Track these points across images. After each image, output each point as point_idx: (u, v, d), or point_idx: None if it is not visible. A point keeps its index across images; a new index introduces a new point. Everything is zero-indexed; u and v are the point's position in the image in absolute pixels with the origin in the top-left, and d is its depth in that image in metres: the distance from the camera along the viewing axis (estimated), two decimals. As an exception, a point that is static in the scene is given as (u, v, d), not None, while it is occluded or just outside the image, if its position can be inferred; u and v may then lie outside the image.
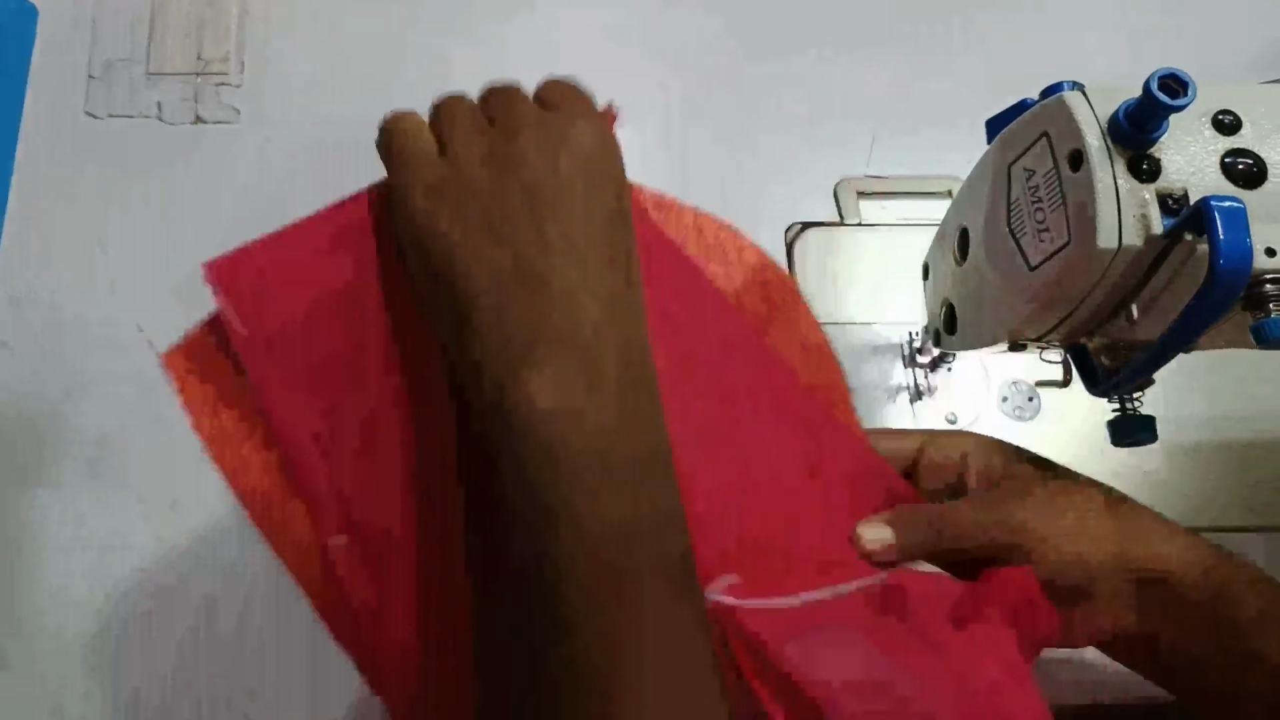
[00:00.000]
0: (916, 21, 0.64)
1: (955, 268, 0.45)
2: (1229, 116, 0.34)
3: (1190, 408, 0.49)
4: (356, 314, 0.36)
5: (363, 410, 0.36)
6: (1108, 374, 0.40)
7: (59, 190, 0.58)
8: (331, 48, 0.62)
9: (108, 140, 0.59)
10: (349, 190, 0.60)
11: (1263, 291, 0.32)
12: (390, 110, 0.37)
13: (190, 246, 0.57)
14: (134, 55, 0.61)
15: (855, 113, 0.62)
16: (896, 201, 0.59)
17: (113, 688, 0.48)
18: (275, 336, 0.36)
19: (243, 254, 0.38)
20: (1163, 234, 0.33)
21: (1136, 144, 0.33)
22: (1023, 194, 0.38)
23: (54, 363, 0.54)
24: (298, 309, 0.37)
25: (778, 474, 0.39)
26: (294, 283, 0.38)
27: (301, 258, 0.38)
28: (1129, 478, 0.53)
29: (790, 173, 0.60)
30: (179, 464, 0.52)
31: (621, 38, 0.63)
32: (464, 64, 0.62)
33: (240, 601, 0.50)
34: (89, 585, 0.50)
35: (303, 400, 0.36)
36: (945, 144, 0.60)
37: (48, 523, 0.51)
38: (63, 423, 0.53)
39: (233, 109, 0.61)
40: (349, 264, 0.37)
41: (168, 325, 0.55)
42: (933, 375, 0.54)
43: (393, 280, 0.36)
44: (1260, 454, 0.54)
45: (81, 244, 0.57)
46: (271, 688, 0.49)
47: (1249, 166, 0.33)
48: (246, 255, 0.38)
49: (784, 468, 0.40)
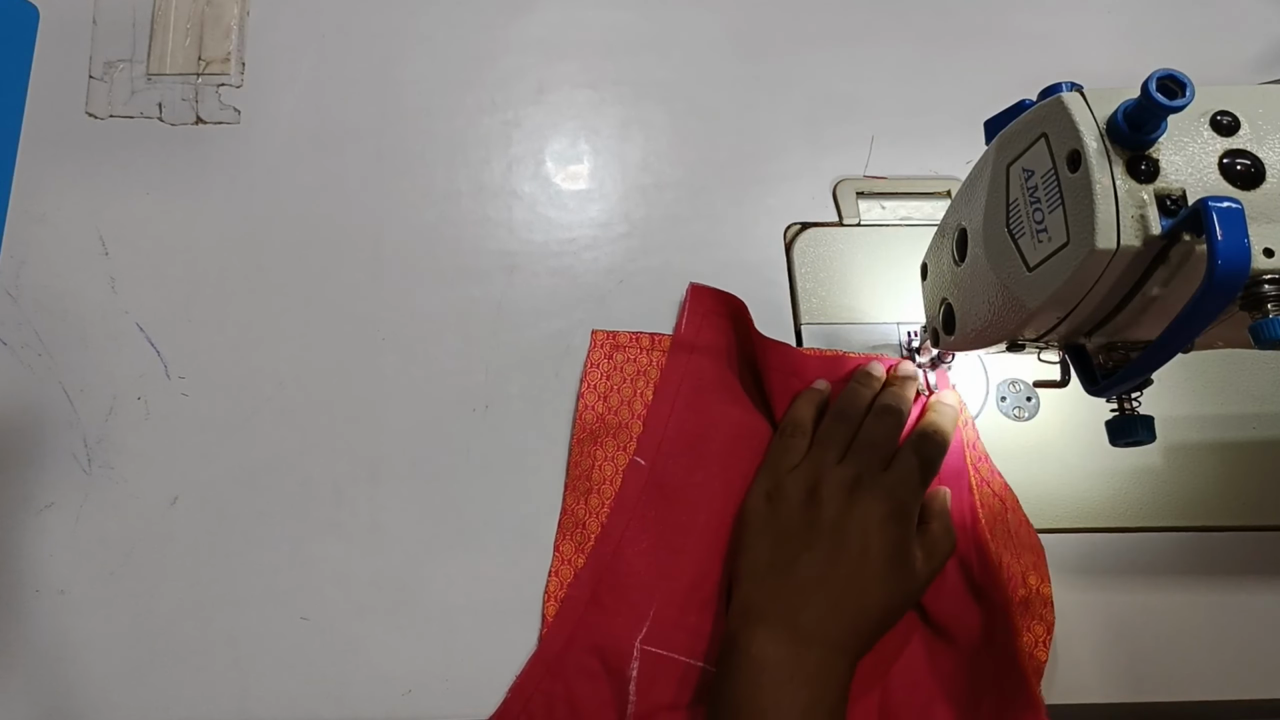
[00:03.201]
0: (916, 21, 0.65)
1: (954, 268, 0.45)
2: (1227, 117, 0.34)
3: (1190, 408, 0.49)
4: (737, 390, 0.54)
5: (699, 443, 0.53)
6: (1106, 374, 0.40)
7: (59, 190, 0.58)
8: (331, 48, 0.62)
9: (108, 140, 0.60)
10: (348, 190, 0.60)
11: (1261, 292, 0.32)
12: (796, 414, 0.52)
13: (190, 246, 0.57)
14: (134, 55, 0.62)
15: (855, 113, 0.62)
16: (895, 202, 0.60)
17: (113, 688, 0.48)
18: (698, 349, 0.55)
19: (717, 295, 0.56)
20: (1161, 234, 0.33)
21: (1135, 145, 0.34)
22: (1021, 194, 0.38)
23: (54, 363, 0.54)
24: (724, 344, 0.55)
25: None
26: (728, 332, 0.55)
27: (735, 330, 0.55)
28: (1129, 477, 0.53)
29: (790, 173, 0.60)
30: (179, 463, 0.53)
31: (622, 38, 0.63)
32: (464, 64, 0.62)
33: (241, 601, 0.50)
34: (89, 585, 0.50)
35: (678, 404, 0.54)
36: (944, 144, 0.60)
37: (48, 522, 0.51)
38: (63, 422, 0.53)
39: (233, 109, 0.61)
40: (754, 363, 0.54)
41: (168, 325, 0.56)
42: (932, 375, 0.54)
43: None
44: (1260, 454, 0.54)
45: (81, 244, 0.57)
46: (272, 687, 0.49)
47: (1247, 167, 0.33)
48: (719, 296, 0.56)
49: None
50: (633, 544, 0.50)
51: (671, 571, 0.50)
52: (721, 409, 0.53)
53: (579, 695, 0.47)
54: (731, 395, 0.54)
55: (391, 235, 0.58)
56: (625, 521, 0.51)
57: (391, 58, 0.62)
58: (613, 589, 0.49)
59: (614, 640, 0.48)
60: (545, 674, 0.48)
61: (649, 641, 0.48)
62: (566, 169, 0.60)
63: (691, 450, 0.52)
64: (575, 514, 0.52)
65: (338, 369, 0.55)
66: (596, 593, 0.49)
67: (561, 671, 0.48)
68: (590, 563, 0.50)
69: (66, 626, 0.49)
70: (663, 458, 0.52)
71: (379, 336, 0.55)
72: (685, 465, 0.52)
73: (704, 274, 0.57)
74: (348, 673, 0.49)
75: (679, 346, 0.54)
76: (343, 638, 0.50)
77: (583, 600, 0.49)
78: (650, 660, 0.48)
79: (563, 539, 0.51)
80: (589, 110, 0.62)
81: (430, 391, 0.54)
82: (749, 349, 0.54)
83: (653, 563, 0.50)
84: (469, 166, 0.60)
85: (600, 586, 0.49)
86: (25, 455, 0.53)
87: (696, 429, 0.53)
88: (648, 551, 0.50)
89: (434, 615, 0.50)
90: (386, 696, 0.48)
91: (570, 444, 0.53)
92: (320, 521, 0.52)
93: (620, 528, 0.51)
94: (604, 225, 0.59)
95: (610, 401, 0.54)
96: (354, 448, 0.53)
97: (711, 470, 0.52)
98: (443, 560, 0.51)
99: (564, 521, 0.52)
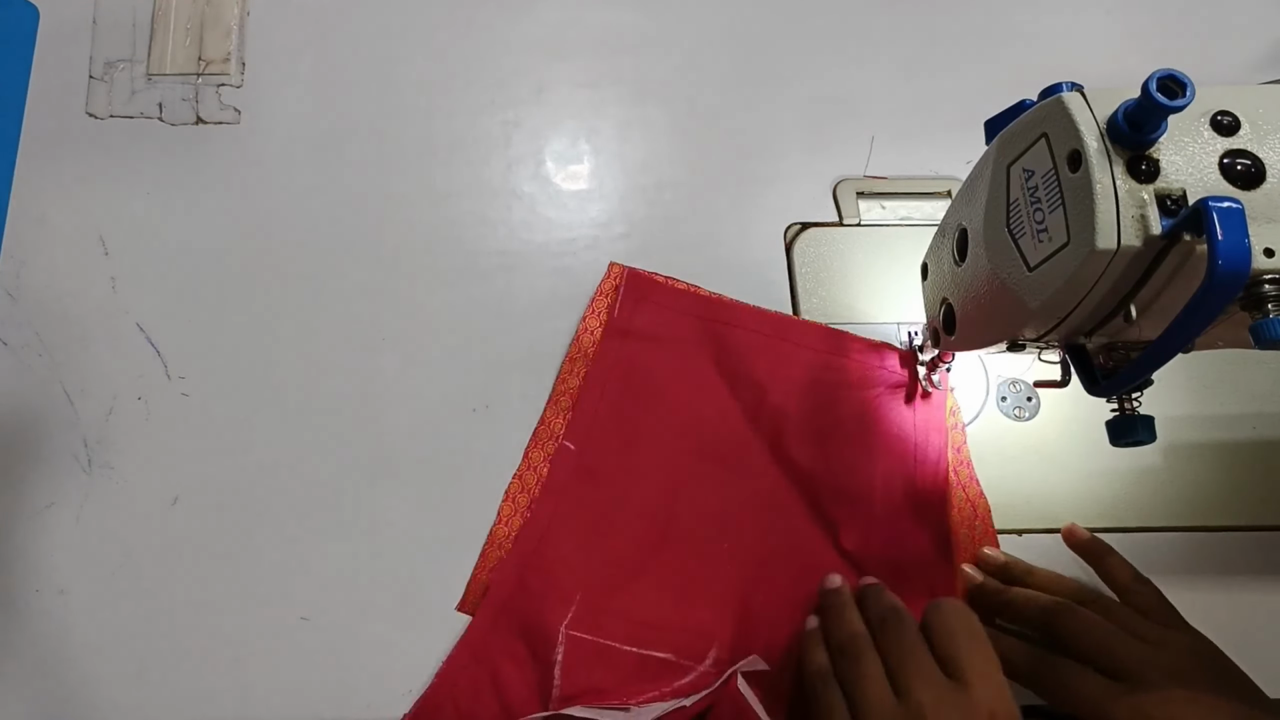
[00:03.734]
0: (916, 21, 0.65)
1: (954, 268, 0.45)
2: (1227, 117, 0.34)
3: (1190, 408, 0.49)
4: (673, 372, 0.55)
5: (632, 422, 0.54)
6: (1106, 374, 0.40)
7: (59, 190, 0.58)
8: (331, 48, 0.62)
9: (108, 140, 0.59)
10: (347, 190, 0.60)
11: (1261, 292, 0.32)
12: (813, 664, 0.46)
13: (190, 246, 0.57)
14: (134, 55, 0.62)
15: (855, 113, 0.62)
16: (896, 202, 0.60)
17: (113, 688, 0.48)
18: (630, 334, 0.55)
19: (647, 278, 0.56)
20: (1161, 234, 0.33)
21: (1135, 144, 0.34)
22: (1022, 194, 0.38)
23: (54, 363, 0.54)
24: (652, 331, 0.55)
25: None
26: (660, 321, 0.56)
27: (675, 312, 0.56)
28: (1129, 477, 0.53)
29: (790, 173, 0.60)
30: (179, 463, 0.53)
31: (621, 38, 0.63)
32: (464, 64, 0.62)
33: (241, 601, 0.50)
34: (89, 585, 0.50)
35: (608, 391, 0.54)
36: (945, 144, 0.60)
37: (48, 522, 0.51)
38: (63, 422, 0.53)
39: (233, 109, 0.61)
40: (698, 342, 0.55)
41: (168, 325, 0.56)
42: (932, 375, 0.54)
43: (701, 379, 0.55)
44: (1260, 454, 0.54)
45: (81, 244, 0.57)
46: (272, 687, 0.49)
47: (1247, 167, 0.33)
48: (650, 281, 0.56)
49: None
50: (560, 528, 0.51)
51: (599, 556, 0.50)
52: (653, 394, 0.54)
53: (505, 679, 0.48)
54: (664, 381, 0.54)
55: (391, 235, 0.58)
56: (554, 506, 0.51)
57: (391, 58, 0.62)
58: (539, 572, 0.50)
59: (539, 624, 0.49)
60: (471, 659, 0.48)
61: (574, 626, 0.49)
62: (566, 169, 0.60)
63: (621, 435, 0.53)
64: (551, 427, 0.53)
65: (338, 369, 0.55)
66: (523, 577, 0.50)
67: (487, 656, 0.48)
68: (517, 546, 0.50)
69: (66, 626, 0.49)
70: (593, 442, 0.53)
71: (379, 336, 0.55)
72: (615, 450, 0.53)
73: (704, 274, 0.57)
74: (348, 673, 0.49)
75: (612, 331, 0.55)
76: (343, 638, 0.50)
77: (509, 585, 0.50)
78: (575, 644, 0.48)
79: (533, 447, 0.53)
80: (589, 110, 0.62)
81: (430, 391, 0.54)
82: (693, 326, 0.55)
83: (580, 547, 0.51)
84: (469, 166, 0.60)
85: (527, 570, 0.50)
86: (25, 455, 0.53)
87: (627, 414, 0.54)
88: (575, 535, 0.51)
89: (434, 615, 0.50)
90: (386, 696, 0.48)
91: (562, 361, 0.55)
92: (320, 521, 0.52)
93: (548, 512, 0.51)
94: (604, 225, 0.59)
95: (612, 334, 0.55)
96: (354, 448, 0.53)
97: (642, 455, 0.53)
98: (443, 560, 0.51)
99: (539, 431, 0.53)
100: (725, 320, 0.55)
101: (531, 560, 0.50)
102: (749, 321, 0.55)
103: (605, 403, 0.54)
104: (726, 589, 0.50)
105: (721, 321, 0.55)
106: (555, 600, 0.49)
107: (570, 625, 0.48)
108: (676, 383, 0.54)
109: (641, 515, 0.51)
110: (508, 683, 0.48)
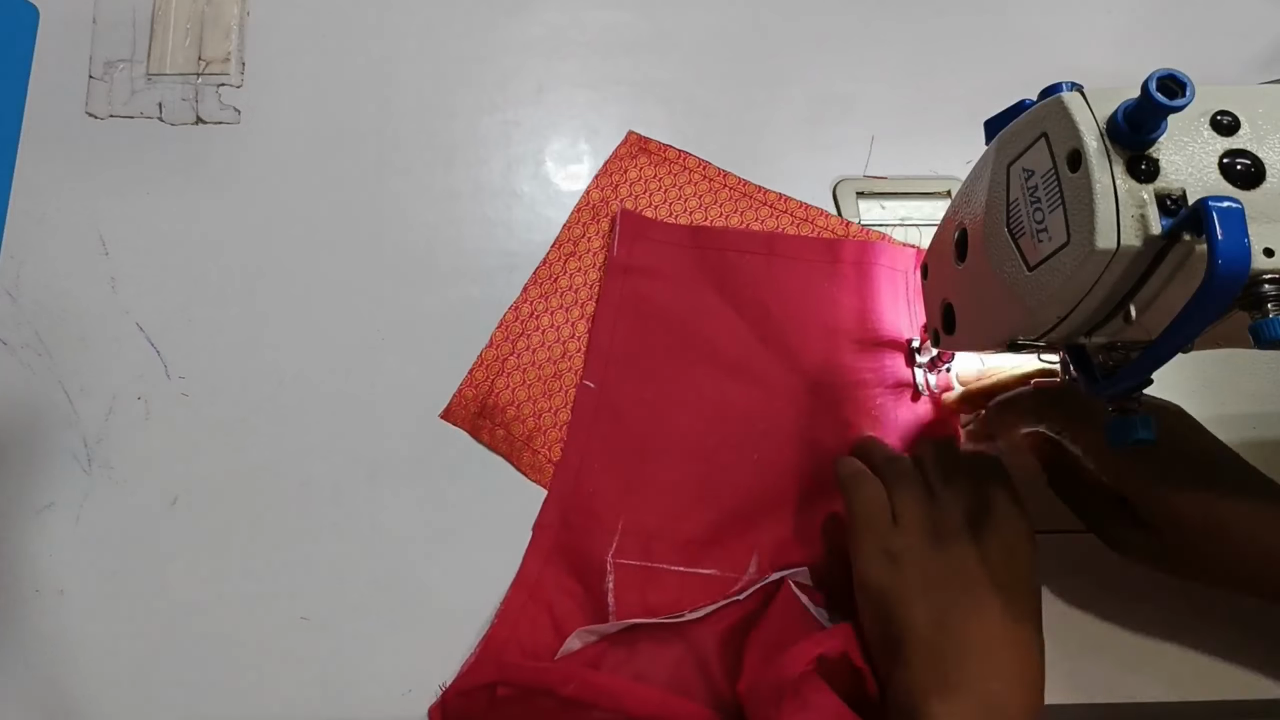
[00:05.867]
0: (916, 21, 0.65)
1: (954, 268, 0.45)
2: (1227, 117, 0.34)
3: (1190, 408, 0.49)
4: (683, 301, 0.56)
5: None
6: (1106, 374, 0.40)
7: (59, 190, 0.58)
8: (331, 48, 0.62)
9: (108, 140, 0.59)
10: (347, 190, 0.60)
11: (1261, 292, 0.32)
12: (849, 468, 0.48)
13: (190, 246, 0.57)
14: (134, 55, 0.62)
15: (855, 113, 0.62)
16: (895, 202, 0.60)
17: (113, 688, 0.48)
18: (632, 270, 0.57)
19: (641, 216, 0.58)
20: (1161, 234, 0.33)
21: (1135, 144, 0.34)
22: (1021, 194, 0.38)
23: (54, 363, 0.54)
24: (655, 266, 0.57)
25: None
26: (659, 256, 0.57)
27: (674, 250, 0.57)
28: (1128, 478, 0.53)
29: (790, 173, 0.60)
30: (179, 463, 0.53)
31: (621, 38, 0.63)
32: (464, 64, 0.62)
33: (241, 601, 0.50)
34: (89, 585, 0.50)
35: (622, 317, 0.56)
36: (944, 144, 0.60)
37: (47, 523, 0.51)
38: (63, 422, 0.53)
39: (233, 109, 0.61)
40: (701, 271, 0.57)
41: (168, 325, 0.56)
42: (932, 374, 0.55)
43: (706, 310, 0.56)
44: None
45: (81, 244, 0.57)
46: (272, 687, 0.49)
47: (1247, 167, 0.33)
48: (643, 219, 0.58)
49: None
50: (593, 463, 0.53)
51: (633, 485, 0.52)
52: (662, 324, 0.55)
53: (561, 613, 0.50)
54: (670, 310, 0.56)
55: (391, 235, 0.58)
56: (584, 443, 0.53)
57: (392, 58, 0.62)
58: (578, 509, 0.52)
59: (587, 557, 0.51)
60: (528, 599, 0.50)
61: (620, 555, 0.50)
62: (566, 169, 0.60)
63: (637, 368, 0.55)
64: (552, 267, 0.57)
65: (338, 369, 0.55)
66: (565, 515, 0.51)
67: (542, 594, 0.50)
68: (555, 488, 0.52)
69: (66, 626, 0.49)
70: (610, 379, 0.54)
71: (379, 336, 0.56)
72: (634, 384, 0.54)
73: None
74: (348, 673, 0.49)
75: (614, 269, 0.56)
76: (343, 638, 0.50)
77: (554, 526, 0.51)
78: (624, 572, 0.50)
79: (532, 284, 0.56)
80: (589, 110, 0.62)
81: (430, 391, 0.54)
82: (690, 255, 0.57)
83: (615, 479, 0.52)
84: (469, 166, 0.60)
85: (568, 509, 0.52)
86: (25, 455, 0.53)
87: (640, 346, 0.55)
88: (608, 469, 0.52)
89: (434, 615, 0.50)
90: (386, 696, 0.48)
91: (569, 215, 0.58)
92: (320, 521, 0.52)
93: (579, 450, 0.53)
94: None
95: (620, 192, 0.58)
96: (354, 448, 0.53)
97: (661, 384, 0.54)
98: (443, 560, 0.51)
99: (540, 271, 0.56)
100: (719, 246, 0.57)
101: (570, 499, 0.52)
102: (740, 243, 0.57)
103: (618, 338, 0.55)
104: (760, 498, 0.52)
105: (715, 248, 0.57)
106: (599, 533, 0.51)
107: (616, 554, 0.50)
108: (683, 310, 0.56)
109: (668, 440, 0.53)
110: (565, 616, 0.50)
